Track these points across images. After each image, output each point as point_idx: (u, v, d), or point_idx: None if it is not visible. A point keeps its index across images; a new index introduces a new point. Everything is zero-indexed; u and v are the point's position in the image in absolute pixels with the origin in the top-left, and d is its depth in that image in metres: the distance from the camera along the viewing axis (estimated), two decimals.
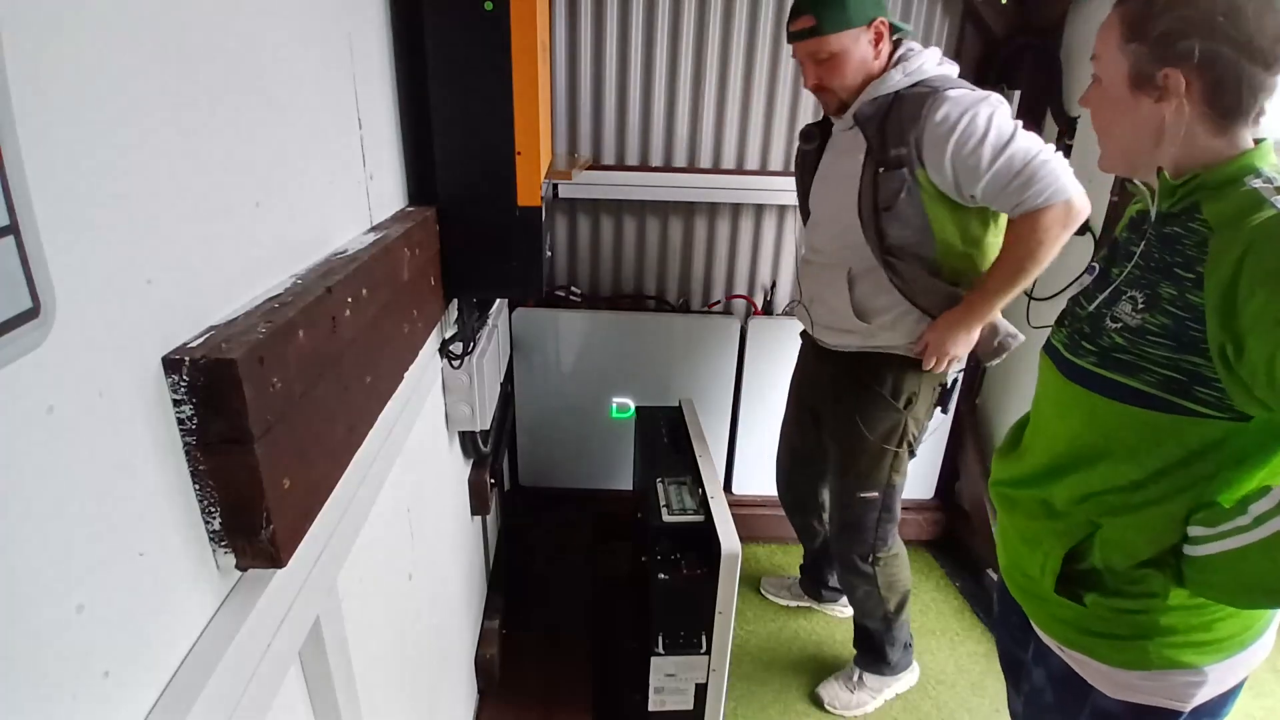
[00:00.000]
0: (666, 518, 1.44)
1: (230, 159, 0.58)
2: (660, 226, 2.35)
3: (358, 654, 0.84)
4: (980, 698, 1.93)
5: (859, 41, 1.36)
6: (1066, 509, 0.91)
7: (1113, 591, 0.87)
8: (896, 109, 1.35)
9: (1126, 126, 0.82)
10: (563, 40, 2.10)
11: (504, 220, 1.17)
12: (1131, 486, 0.84)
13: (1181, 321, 0.76)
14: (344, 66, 0.86)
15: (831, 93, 1.44)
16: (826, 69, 1.40)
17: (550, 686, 1.84)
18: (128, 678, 0.44)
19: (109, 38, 0.43)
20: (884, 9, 1.38)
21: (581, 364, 2.33)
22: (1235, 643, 0.85)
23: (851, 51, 1.37)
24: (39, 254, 0.35)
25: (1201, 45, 0.73)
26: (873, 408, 1.59)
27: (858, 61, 1.38)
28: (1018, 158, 1.27)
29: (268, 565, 0.56)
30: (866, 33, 1.36)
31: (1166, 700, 0.88)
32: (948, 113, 1.30)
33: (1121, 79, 0.80)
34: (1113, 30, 0.81)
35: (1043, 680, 1.03)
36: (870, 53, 1.38)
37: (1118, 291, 0.86)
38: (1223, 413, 0.76)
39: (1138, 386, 0.80)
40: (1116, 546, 0.85)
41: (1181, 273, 0.77)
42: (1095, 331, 0.86)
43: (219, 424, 0.50)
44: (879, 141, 1.37)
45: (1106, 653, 0.90)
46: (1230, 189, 0.75)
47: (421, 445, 1.21)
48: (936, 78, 1.38)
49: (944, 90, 1.33)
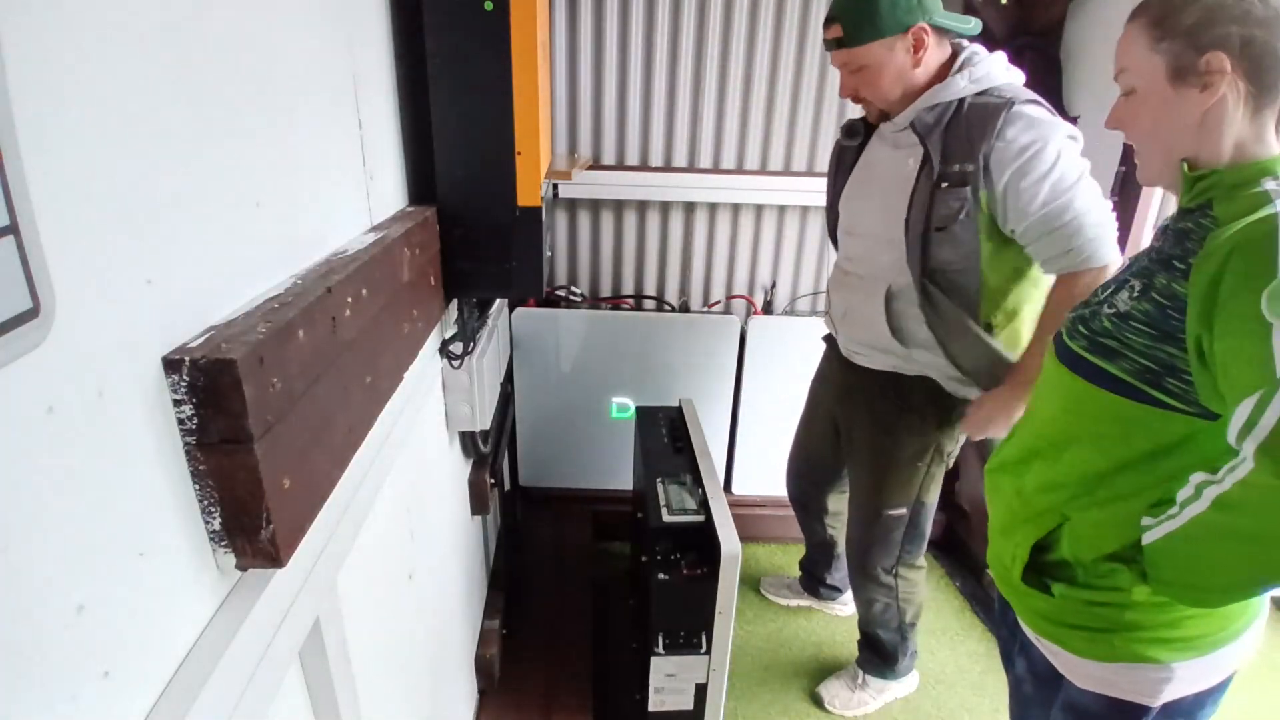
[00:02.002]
0: (666, 518, 1.44)
1: (230, 159, 0.58)
2: (660, 226, 2.35)
3: (358, 654, 0.84)
4: (980, 698, 1.93)
5: (894, 50, 1.25)
6: (1034, 497, 0.93)
7: (1082, 584, 0.89)
8: (964, 119, 1.23)
9: (1173, 123, 0.81)
10: (563, 40, 2.10)
11: (504, 220, 1.17)
12: (1098, 477, 0.86)
13: (1163, 309, 0.77)
14: (344, 66, 0.86)
15: (869, 102, 1.36)
16: (861, 80, 1.31)
17: (550, 686, 1.84)
18: (128, 678, 0.44)
19: (109, 38, 0.43)
20: (927, 11, 1.24)
21: (581, 364, 2.33)
22: (1206, 642, 0.85)
23: (886, 62, 1.26)
24: (39, 254, 0.35)
25: (1236, 29, 0.74)
26: (905, 431, 1.50)
27: (894, 73, 1.27)
28: (1075, 207, 1.17)
29: (268, 565, 0.56)
30: (903, 40, 1.24)
31: (1134, 695, 0.89)
32: (1019, 132, 1.19)
33: (1160, 78, 0.80)
34: (1138, 38, 0.81)
35: (1024, 671, 1.05)
36: (908, 61, 1.26)
37: (1124, 281, 0.87)
38: (1189, 407, 0.77)
39: (1115, 372, 0.82)
40: (1083, 539, 0.87)
41: (1178, 264, 0.78)
42: (1092, 317, 0.88)
43: (219, 424, 0.50)
44: (941, 153, 1.24)
45: (1077, 644, 0.91)
46: (1244, 189, 0.76)
47: (421, 445, 1.21)
48: (1006, 86, 1.26)
49: (1019, 104, 1.21)
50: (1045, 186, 1.18)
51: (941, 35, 1.29)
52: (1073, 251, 1.20)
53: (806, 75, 2.17)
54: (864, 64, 1.27)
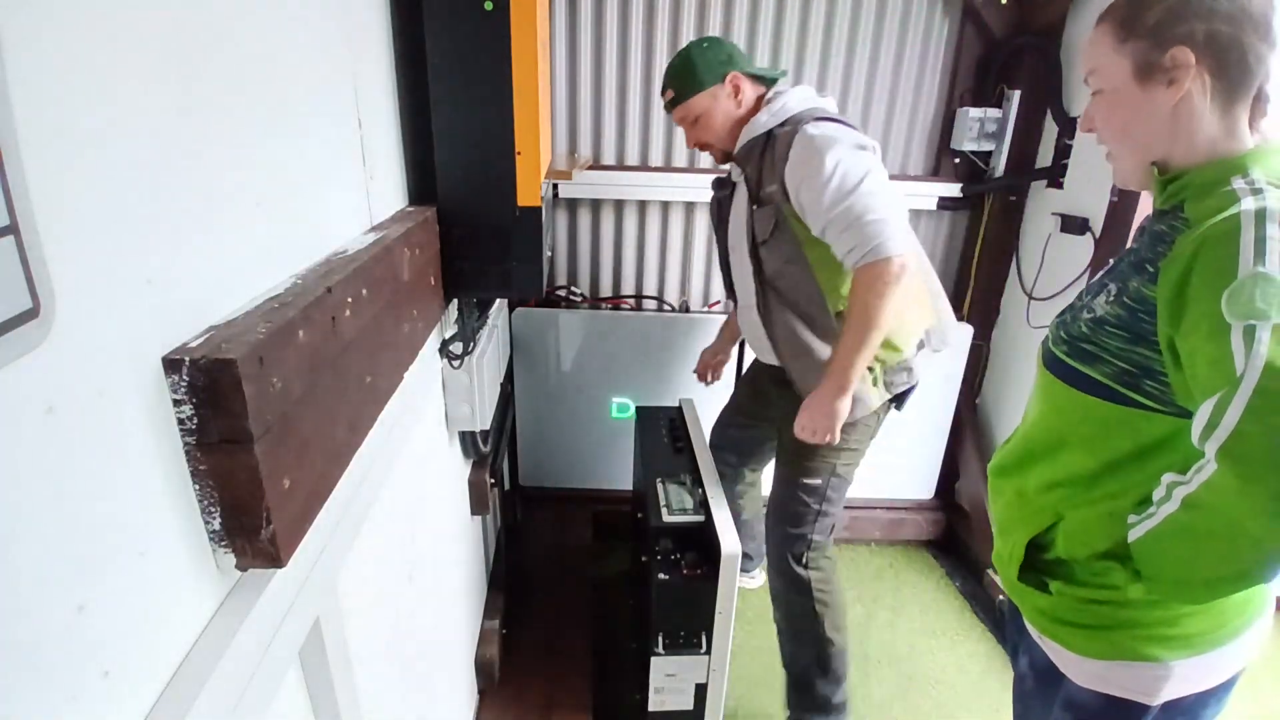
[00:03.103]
0: (666, 518, 1.44)
1: (230, 159, 0.58)
2: (660, 226, 2.35)
3: (358, 654, 0.84)
4: (980, 698, 1.93)
5: (717, 98, 1.48)
6: (1034, 497, 0.93)
7: (1079, 582, 0.89)
8: (770, 148, 1.43)
9: (1143, 123, 0.81)
10: (563, 40, 2.10)
11: (504, 220, 1.17)
12: (1089, 477, 0.86)
13: (1134, 313, 0.78)
14: (344, 66, 0.86)
15: (711, 146, 1.56)
16: (699, 129, 1.53)
17: (550, 686, 1.84)
18: (128, 677, 0.44)
19: (109, 38, 0.43)
20: (737, 64, 1.48)
21: (581, 364, 2.33)
22: (1205, 640, 0.85)
23: (713, 109, 1.49)
24: (39, 254, 0.35)
25: (1199, 25, 0.74)
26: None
27: (722, 116, 1.50)
28: (855, 208, 1.31)
29: (268, 565, 0.56)
30: (723, 87, 1.48)
31: (1133, 693, 0.89)
32: (803, 148, 1.36)
33: (1127, 77, 0.80)
34: (1103, 40, 0.82)
35: (1025, 668, 1.06)
36: (731, 105, 1.49)
37: (1101, 284, 0.88)
38: (1168, 408, 0.77)
39: (1095, 376, 0.83)
40: (1076, 537, 0.88)
41: (1149, 267, 0.78)
42: (1073, 321, 0.88)
43: (219, 424, 0.50)
44: (755, 180, 1.47)
45: (1076, 641, 0.92)
46: (1215, 189, 0.76)
47: (421, 445, 1.21)
48: (805, 113, 1.43)
49: (806, 126, 1.38)
50: (827, 193, 1.33)
51: (756, 81, 1.51)
52: (856, 248, 1.33)
53: (807, 75, 2.17)
54: (698, 113, 1.51)
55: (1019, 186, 2.24)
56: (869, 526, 2.53)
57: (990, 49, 2.17)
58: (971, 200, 2.31)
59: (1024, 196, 2.26)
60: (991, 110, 2.15)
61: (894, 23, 2.14)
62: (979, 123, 2.16)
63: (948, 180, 2.29)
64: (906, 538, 2.56)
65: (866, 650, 2.07)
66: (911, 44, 2.17)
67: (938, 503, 2.58)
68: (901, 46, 2.17)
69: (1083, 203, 2.00)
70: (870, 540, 2.56)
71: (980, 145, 2.19)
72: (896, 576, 2.41)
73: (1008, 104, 2.15)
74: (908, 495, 2.56)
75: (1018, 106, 2.13)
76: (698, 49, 1.48)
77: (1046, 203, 2.15)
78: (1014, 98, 2.13)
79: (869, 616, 2.22)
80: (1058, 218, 2.07)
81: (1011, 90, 2.14)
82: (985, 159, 2.26)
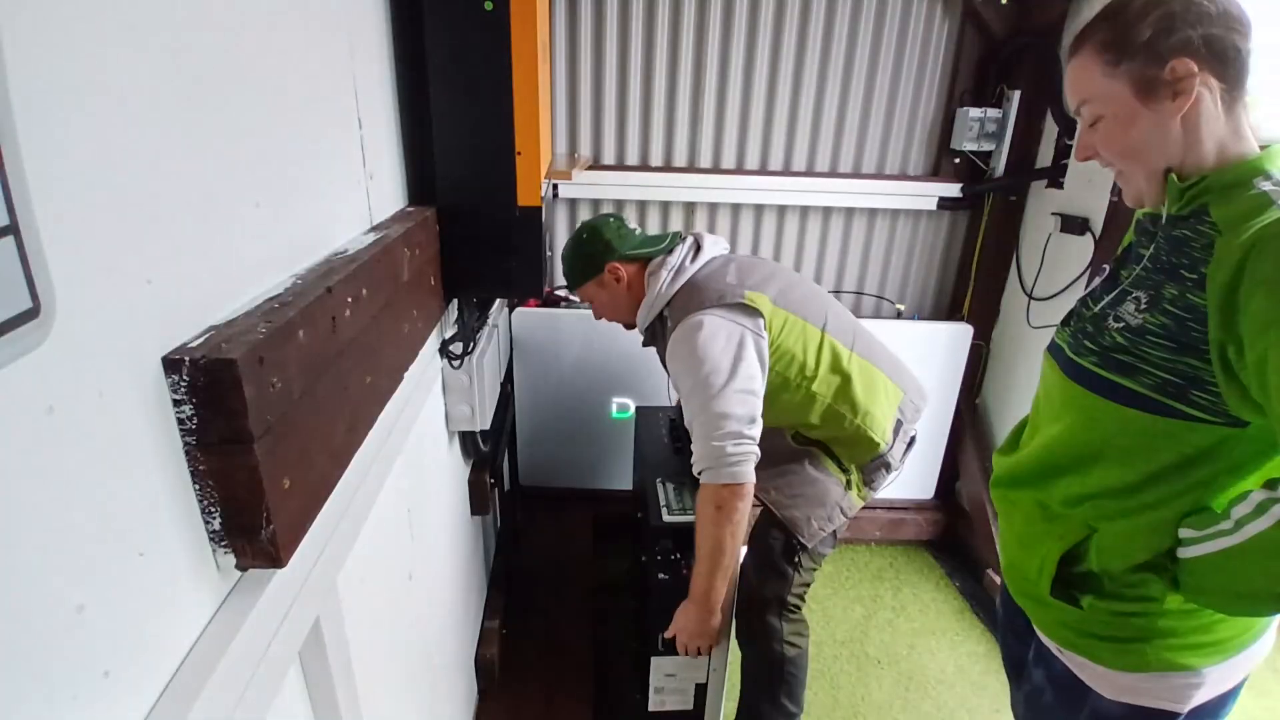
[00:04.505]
0: (666, 518, 1.44)
1: (230, 159, 0.58)
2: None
3: (358, 654, 0.84)
4: (980, 698, 1.93)
5: (602, 286, 1.51)
6: (1062, 511, 0.91)
7: (1110, 595, 0.87)
8: (664, 333, 1.43)
9: (1154, 139, 0.80)
10: (563, 40, 2.10)
11: (504, 220, 1.17)
12: (1126, 490, 0.84)
13: (1182, 322, 0.76)
14: (344, 66, 0.86)
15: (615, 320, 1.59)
16: (597, 309, 1.58)
17: (550, 686, 1.84)
18: (128, 678, 0.44)
19: (109, 38, 0.43)
20: (614, 252, 1.46)
21: (581, 364, 2.33)
22: (1234, 644, 0.85)
23: (599, 295, 1.53)
24: (39, 254, 0.35)
25: (1194, 33, 0.74)
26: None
27: (610, 301, 1.53)
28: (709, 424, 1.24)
29: (268, 565, 0.56)
30: (603, 277, 1.49)
31: (1164, 702, 0.88)
32: (677, 343, 1.34)
33: (1128, 99, 0.79)
34: (1090, 68, 0.80)
35: (1042, 680, 1.03)
36: (617, 289, 1.50)
37: (1124, 293, 0.86)
38: (1217, 418, 0.75)
39: (1134, 388, 0.80)
40: (1112, 550, 0.85)
41: (1186, 274, 0.77)
42: (1098, 331, 0.86)
43: (219, 424, 0.50)
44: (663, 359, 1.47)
45: (1105, 655, 0.90)
46: (1239, 191, 0.75)
47: (421, 445, 1.21)
48: (677, 296, 1.41)
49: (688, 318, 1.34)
50: (692, 401, 1.29)
51: (638, 261, 1.49)
52: (701, 460, 1.26)
53: (806, 75, 2.17)
54: (589, 299, 1.56)
55: (1019, 186, 2.24)
56: (869, 526, 2.53)
57: (990, 49, 2.17)
58: (971, 200, 2.31)
59: (1024, 196, 2.26)
60: (991, 110, 2.15)
61: (894, 23, 2.14)
62: (979, 123, 2.16)
63: (948, 180, 2.29)
64: (906, 538, 2.56)
65: (866, 650, 2.07)
66: (911, 44, 2.17)
67: (937, 503, 2.58)
68: (901, 46, 2.17)
69: (1083, 203, 2.00)
70: (870, 540, 2.56)
71: (980, 145, 2.19)
72: (896, 576, 2.41)
73: (1008, 104, 2.15)
74: (908, 495, 2.56)
75: (1018, 106, 2.13)
76: (577, 243, 1.50)
77: (1046, 203, 2.15)
78: (1014, 98, 2.13)
79: (869, 616, 2.22)
80: (1058, 218, 2.07)
81: (1011, 90, 2.14)
82: (985, 159, 2.26)
